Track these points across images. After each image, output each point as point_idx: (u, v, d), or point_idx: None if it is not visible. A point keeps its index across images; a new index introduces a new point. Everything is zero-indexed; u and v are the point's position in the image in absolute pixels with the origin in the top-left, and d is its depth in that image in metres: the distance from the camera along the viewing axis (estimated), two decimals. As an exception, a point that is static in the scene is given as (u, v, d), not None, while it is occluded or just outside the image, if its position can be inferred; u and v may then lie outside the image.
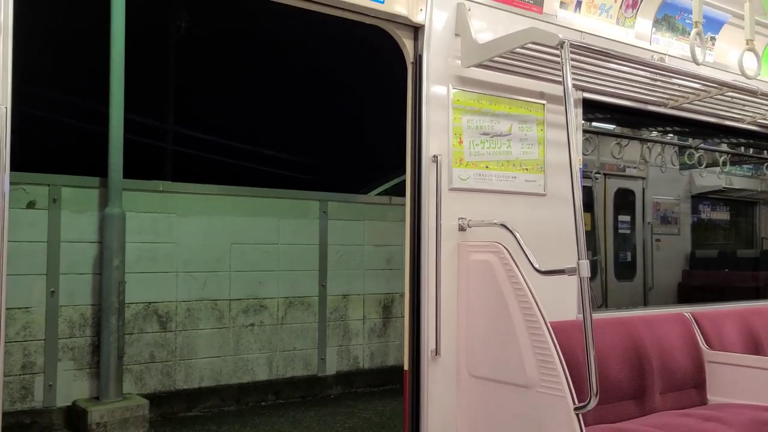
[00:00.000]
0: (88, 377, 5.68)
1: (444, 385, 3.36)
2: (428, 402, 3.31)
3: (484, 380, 3.27)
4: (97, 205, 5.76)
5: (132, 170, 5.96)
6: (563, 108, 2.96)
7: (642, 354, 3.67)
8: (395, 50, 3.52)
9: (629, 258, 7.58)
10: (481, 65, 3.45)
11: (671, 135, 6.89)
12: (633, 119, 5.58)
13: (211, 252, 6.39)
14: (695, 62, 3.57)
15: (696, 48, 3.54)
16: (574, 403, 2.85)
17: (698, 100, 4.13)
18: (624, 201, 7.54)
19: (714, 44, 4.60)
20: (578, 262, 2.81)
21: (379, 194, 8.71)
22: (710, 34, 4.53)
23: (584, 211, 2.98)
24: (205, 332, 6.33)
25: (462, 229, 3.43)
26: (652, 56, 4.18)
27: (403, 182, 3.56)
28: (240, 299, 6.53)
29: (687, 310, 4.17)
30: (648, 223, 7.63)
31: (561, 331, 3.17)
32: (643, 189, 7.63)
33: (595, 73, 3.64)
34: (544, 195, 3.74)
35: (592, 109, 4.24)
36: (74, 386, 5.62)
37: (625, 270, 7.50)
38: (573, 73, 3.22)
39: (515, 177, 3.65)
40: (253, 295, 6.61)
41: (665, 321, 3.96)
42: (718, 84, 3.87)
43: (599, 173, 6.98)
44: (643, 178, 7.56)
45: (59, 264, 5.57)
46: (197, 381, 6.27)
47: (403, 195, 3.55)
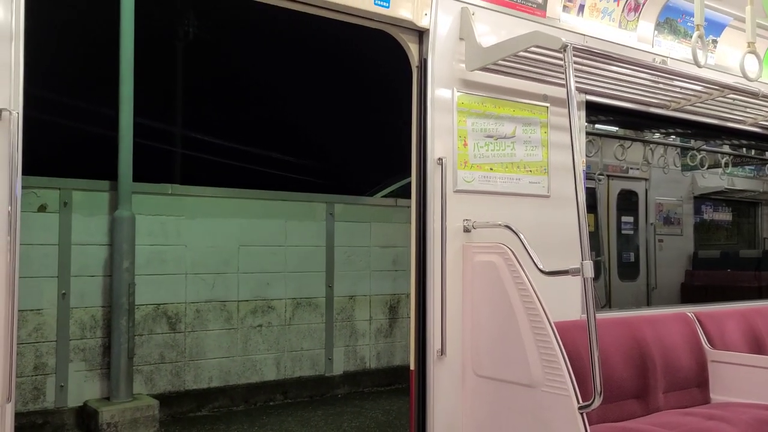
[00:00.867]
0: (99, 378, 5.74)
1: (450, 385, 3.40)
2: (434, 401, 3.35)
3: (490, 380, 3.31)
4: (108, 208, 5.83)
5: (141, 173, 6.03)
6: (566, 110, 3.00)
7: (645, 353, 3.70)
8: (400, 54, 3.58)
9: (632, 258, 7.59)
10: (485, 68, 3.50)
11: (673, 137, 6.91)
12: (635, 121, 5.61)
13: (220, 254, 6.45)
14: (697, 65, 3.60)
15: (698, 51, 3.57)
16: (579, 402, 2.89)
17: (700, 102, 4.16)
18: (627, 202, 7.56)
19: (716, 47, 4.64)
20: (582, 263, 2.86)
21: (385, 196, 8.76)
22: (712, 37, 4.57)
23: (588, 212, 3.01)
24: (214, 333, 6.39)
25: (467, 231, 3.48)
26: (655, 59, 4.22)
27: (409, 184, 3.61)
28: (248, 300, 6.59)
29: (690, 310, 4.20)
30: (651, 224, 7.65)
31: (565, 331, 3.21)
32: (646, 190, 7.65)
33: (598, 76, 3.68)
34: (548, 196, 3.79)
35: (595, 112, 4.28)
36: (85, 387, 5.68)
37: (629, 270, 7.52)
38: (576, 76, 3.26)
39: (519, 179, 3.69)
40: (261, 296, 6.66)
41: (668, 321, 3.99)
42: (720, 86, 3.91)
43: (602, 175, 7.01)
44: (646, 180, 7.58)
45: (70, 266, 5.64)
46: (206, 381, 6.33)
47: (409, 197, 3.60)
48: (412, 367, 3.44)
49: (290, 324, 6.82)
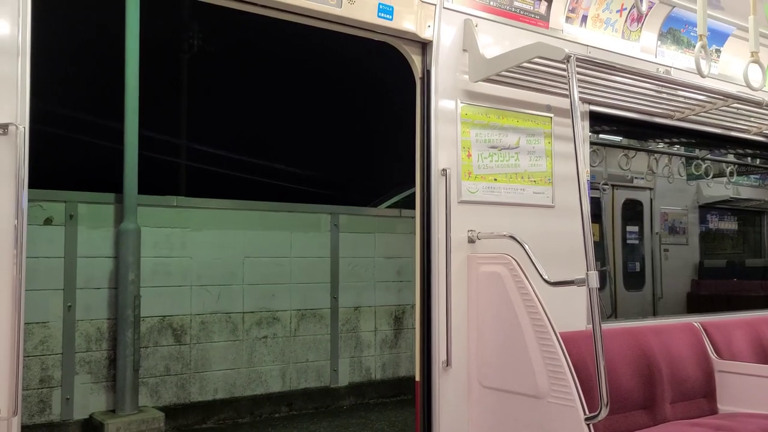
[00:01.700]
0: (105, 390, 5.75)
1: (455, 396, 3.39)
2: (440, 412, 3.34)
3: (495, 391, 3.30)
4: (113, 221, 5.85)
5: (146, 186, 6.05)
6: (570, 121, 3.01)
7: (652, 364, 3.69)
8: (404, 65, 3.59)
9: (638, 268, 7.57)
10: (489, 80, 3.51)
11: (678, 146, 6.91)
12: (640, 131, 5.62)
13: (225, 265, 6.47)
14: (700, 74, 3.60)
15: (701, 60, 3.58)
16: (585, 414, 2.88)
17: (704, 112, 4.16)
18: (632, 212, 7.55)
19: (719, 56, 4.64)
20: (587, 273, 2.85)
21: (389, 207, 8.77)
22: (715, 47, 4.57)
23: (592, 222, 3.01)
24: (219, 345, 6.39)
25: (471, 241, 3.48)
26: (658, 69, 4.22)
27: (413, 195, 3.62)
28: (253, 312, 6.59)
29: (696, 320, 4.18)
30: (656, 234, 7.64)
31: (571, 342, 3.20)
32: (651, 200, 7.64)
33: (602, 86, 3.69)
34: (553, 207, 3.79)
35: (599, 122, 4.28)
36: (91, 399, 5.68)
37: (634, 280, 7.49)
38: (579, 87, 3.28)
39: (524, 189, 3.70)
40: (266, 308, 6.67)
41: (675, 331, 3.98)
42: (724, 96, 3.91)
43: (607, 184, 7.01)
44: (651, 189, 7.58)
45: (76, 279, 5.65)
46: (211, 393, 6.32)
47: (413, 208, 3.61)
48: (418, 378, 3.44)
49: (295, 335, 6.82)
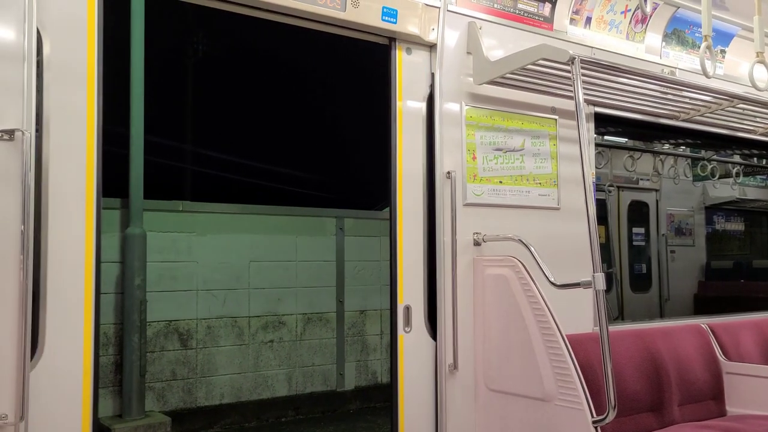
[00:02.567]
0: (111, 395, 5.75)
1: (462, 399, 3.38)
2: (446, 416, 3.33)
3: (502, 394, 3.29)
4: (119, 226, 5.86)
5: (152, 191, 6.06)
6: (575, 122, 3.01)
7: (659, 366, 3.67)
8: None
9: (644, 270, 7.55)
10: (493, 82, 3.51)
11: (683, 147, 6.90)
12: (645, 132, 5.60)
13: (230, 270, 6.47)
14: (705, 75, 3.60)
15: (706, 61, 3.57)
16: (593, 416, 2.87)
17: (710, 113, 4.15)
18: (638, 213, 7.53)
19: (724, 57, 4.63)
20: (593, 275, 2.85)
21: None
22: (720, 47, 4.56)
23: (598, 224, 3.00)
24: (225, 349, 6.40)
25: (477, 244, 3.48)
26: (663, 70, 4.22)
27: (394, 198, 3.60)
28: (259, 316, 6.60)
29: (704, 322, 4.17)
30: (662, 235, 7.61)
31: (577, 344, 3.19)
32: (657, 201, 7.62)
33: (606, 88, 3.68)
34: (558, 209, 3.78)
35: (604, 123, 4.28)
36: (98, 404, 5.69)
37: (641, 282, 7.47)
38: (584, 88, 3.27)
39: (529, 191, 3.69)
40: (272, 312, 6.67)
41: (682, 332, 3.96)
42: (729, 96, 3.90)
43: (613, 186, 6.99)
44: (657, 190, 7.55)
45: (82, 284, 5.66)
46: (218, 398, 6.33)
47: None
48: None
49: (301, 339, 6.82)
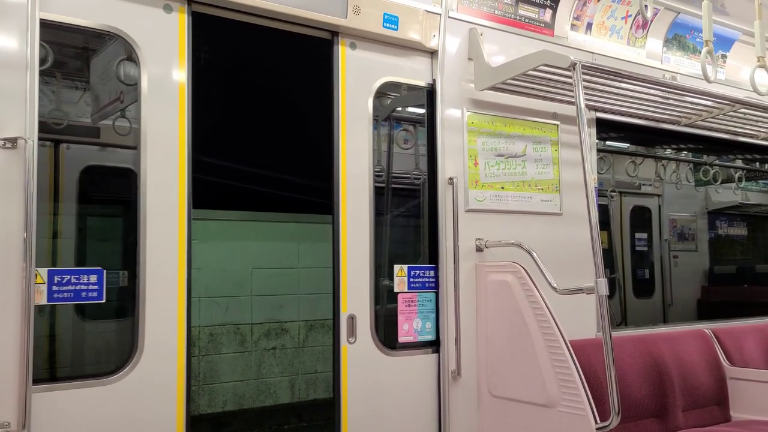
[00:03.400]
0: (114, 403, 5.73)
1: (465, 406, 3.37)
2: (450, 422, 3.32)
3: (505, 400, 3.28)
4: (120, 233, 5.86)
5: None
6: (577, 128, 3.01)
7: (663, 371, 3.66)
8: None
9: (647, 275, 7.52)
10: (495, 88, 3.51)
11: (685, 152, 6.89)
12: (647, 137, 5.60)
13: (233, 277, 6.46)
14: (707, 80, 3.60)
15: (707, 66, 3.57)
16: (596, 422, 2.86)
17: (711, 118, 4.15)
18: (640, 218, 7.50)
19: (725, 62, 4.63)
20: (596, 281, 2.84)
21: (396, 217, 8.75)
22: (721, 52, 4.57)
23: (601, 230, 3.00)
24: (228, 356, 6.38)
25: (479, 250, 3.47)
26: (664, 75, 4.22)
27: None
28: (261, 323, 6.58)
29: (707, 327, 4.16)
30: (665, 240, 7.59)
31: (581, 350, 3.19)
32: (659, 206, 7.60)
33: (608, 93, 3.69)
34: (561, 214, 3.78)
35: (606, 129, 4.28)
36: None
37: (644, 287, 7.44)
38: (585, 94, 3.27)
39: (531, 197, 3.69)
40: (275, 319, 6.65)
41: (685, 338, 3.95)
42: (731, 101, 3.91)
43: (615, 191, 6.98)
44: (659, 196, 7.54)
45: (86, 292, 5.65)
46: (220, 405, 6.30)
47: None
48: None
49: (304, 346, 6.80)
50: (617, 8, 4.01)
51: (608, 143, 5.72)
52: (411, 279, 3.40)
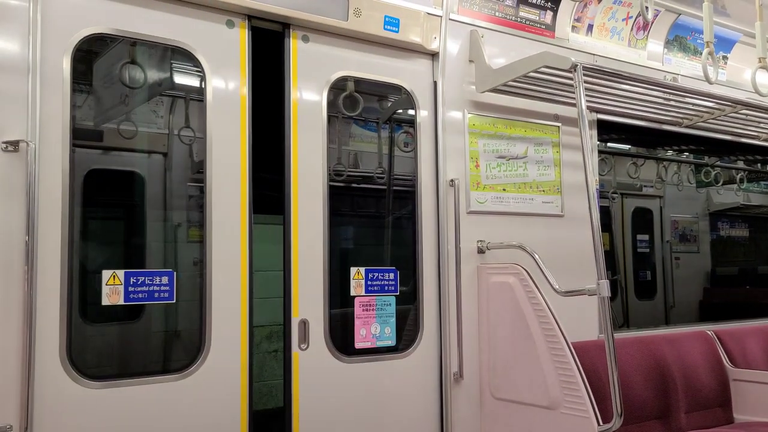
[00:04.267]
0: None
1: (468, 408, 3.37)
2: (452, 425, 3.32)
3: (508, 402, 3.28)
4: (122, 236, 5.86)
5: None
6: (578, 130, 3.00)
7: (665, 373, 3.65)
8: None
9: (649, 277, 7.51)
10: (496, 90, 3.51)
11: (687, 153, 6.89)
12: (648, 139, 5.60)
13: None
14: (708, 81, 3.60)
15: (708, 67, 3.57)
16: (599, 424, 2.86)
17: (712, 119, 4.15)
18: (642, 220, 7.49)
19: (726, 63, 4.63)
20: (598, 282, 2.84)
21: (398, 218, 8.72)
22: (722, 53, 4.57)
23: (602, 231, 3.00)
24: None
25: (481, 252, 3.47)
26: (665, 76, 4.22)
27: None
28: (263, 326, 6.57)
29: (710, 328, 4.15)
30: (667, 242, 7.59)
31: (583, 351, 3.18)
32: (661, 208, 7.58)
33: (609, 95, 3.68)
34: (562, 216, 3.78)
35: (607, 130, 4.27)
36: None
37: (646, 289, 7.43)
38: (587, 95, 3.27)
39: (532, 199, 3.69)
40: (277, 321, 6.63)
41: (688, 339, 3.94)
42: (732, 102, 3.90)
43: (616, 193, 6.98)
44: (661, 197, 7.53)
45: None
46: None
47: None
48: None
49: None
50: (618, 10, 4.01)
51: (609, 145, 5.72)
52: (369, 282, 3.26)
